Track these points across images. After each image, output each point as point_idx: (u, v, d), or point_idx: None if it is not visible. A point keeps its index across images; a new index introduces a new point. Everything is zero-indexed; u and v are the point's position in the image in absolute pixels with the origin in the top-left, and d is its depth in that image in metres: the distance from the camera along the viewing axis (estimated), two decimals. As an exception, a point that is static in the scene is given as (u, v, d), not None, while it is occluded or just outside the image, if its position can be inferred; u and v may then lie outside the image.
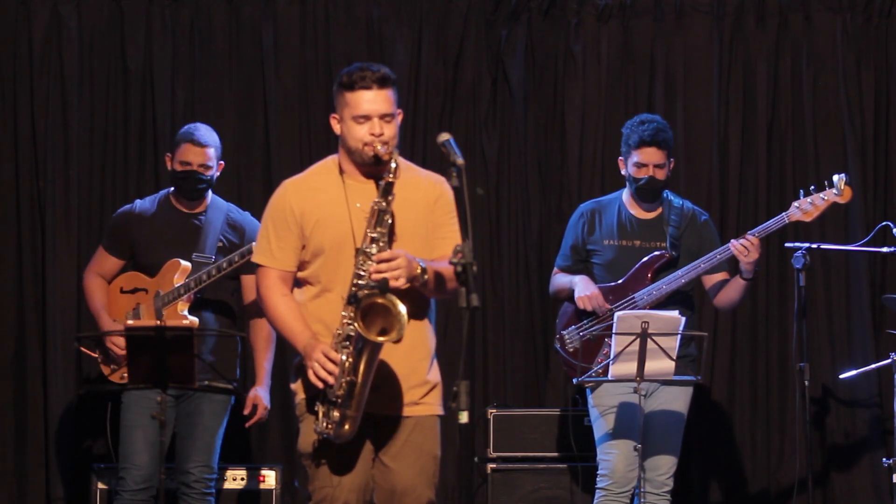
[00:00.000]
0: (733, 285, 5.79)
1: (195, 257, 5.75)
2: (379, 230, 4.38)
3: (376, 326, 4.28)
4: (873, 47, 7.27)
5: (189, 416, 5.74)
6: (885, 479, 6.59)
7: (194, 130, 5.86)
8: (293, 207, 4.53)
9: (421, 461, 4.53)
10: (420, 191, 4.56)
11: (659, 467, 5.70)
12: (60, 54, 7.08)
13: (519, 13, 7.26)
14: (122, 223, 5.89)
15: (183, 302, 5.69)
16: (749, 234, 5.69)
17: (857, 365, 6.67)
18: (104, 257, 5.88)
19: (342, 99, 4.50)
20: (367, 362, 4.32)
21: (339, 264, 4.46)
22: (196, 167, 5.77)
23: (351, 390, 4.33)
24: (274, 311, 4.54)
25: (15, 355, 7.01)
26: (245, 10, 7.19)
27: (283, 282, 4.55)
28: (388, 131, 4.47)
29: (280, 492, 6.40)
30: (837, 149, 7.21)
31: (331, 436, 4.39)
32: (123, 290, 5.82)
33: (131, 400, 5.68)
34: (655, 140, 5.75)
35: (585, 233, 5.91)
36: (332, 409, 4.36)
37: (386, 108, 4.48)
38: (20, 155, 7.07)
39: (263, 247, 4.58)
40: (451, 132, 4.35)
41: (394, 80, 4.53)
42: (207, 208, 5.85)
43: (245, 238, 5.82)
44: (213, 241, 5.79)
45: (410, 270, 4.33)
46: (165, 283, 5.73)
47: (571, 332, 5.86)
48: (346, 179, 4.54)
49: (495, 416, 6.66)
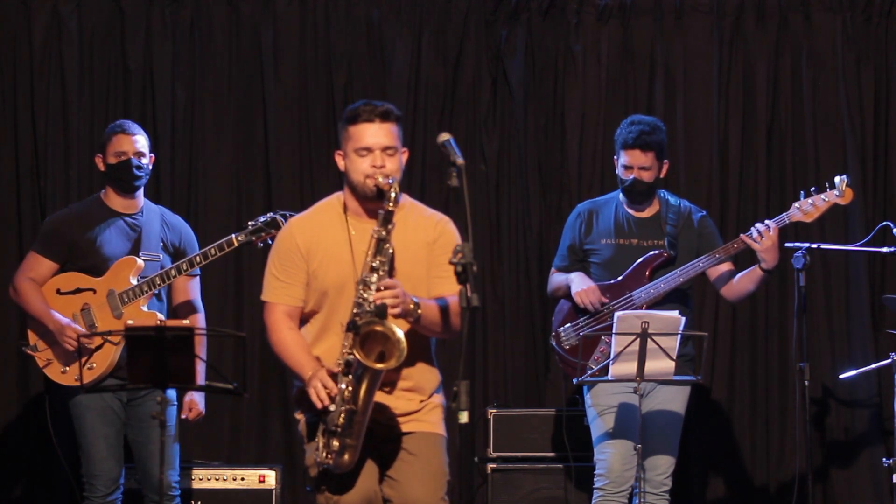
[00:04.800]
0: (750, 275, 5.76)
1: (143, 255, 5.77)
2: (379, 259, 4.41)
3: (375, 353, 4.32)
4: (873, 47, 7.28)
5: (143, 421, 5.73)
6: (885, 479, 6.59)
7: (122, 122, 5.92)
8: (299, 245, 4.59)
9: (430, 473, 4.56)
10: (420, 232, 4.59)
11: (657, 467, 5.70)
12: (60, 54, 7.08)
13: (519, 13, 7.26)
14: (59, 227, 5.86)
15: (143, 299, 5.71)
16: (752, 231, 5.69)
17: (856, 365, 6.67)
18: (38, 262, 5.82)
19: (346, 134, 4.55)
20: (367, 390, 4.35)
21: (342, 304, 4.51)
22: (132, 155, 5.78)
23: (351, 419, 4.36)
24: (281, 344, 4.59)
25: (17, 354, 7.01)
26: (245, 10, 7.19)
27: (290, 317, 4.61)
28: (391, 164, 4.49)
29: (280, 492, 6.41)
30: (837, 148, 7.21)
31: (330, 466, 4.43)
32: (62, 291, 5.78)
33: (83, 409, 5.69)
34: (639, 143, 5.75)
35: (583, 233, 5.92)
36: (332, 439, 4.39)
37: (388, 140, 4.50)
38: (20, 155, 7.07)
39: (271, 283, 4.64)
40: (451, 132, 4.35)
41: (398, 115, 4.56)
42: (142, 209, 5.87)
43: (183, 239, 5.88)
44: (155, 240, 5.81)
45: (405, 304, 4.37)
46: (120, 281, 5.72)
47: (567, 329, 5.86)
48: (350, 218, 4.58)
49: (495, 416, 6.66)
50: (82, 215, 5.85)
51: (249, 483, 6.41)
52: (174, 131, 7.12)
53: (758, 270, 5.74)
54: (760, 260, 5.69)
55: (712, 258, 5.75)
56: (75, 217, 5.87)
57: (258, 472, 6.42)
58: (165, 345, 5.10)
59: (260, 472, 6.42)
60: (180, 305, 5.90)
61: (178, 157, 7.12)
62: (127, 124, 5.89)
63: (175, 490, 5.76)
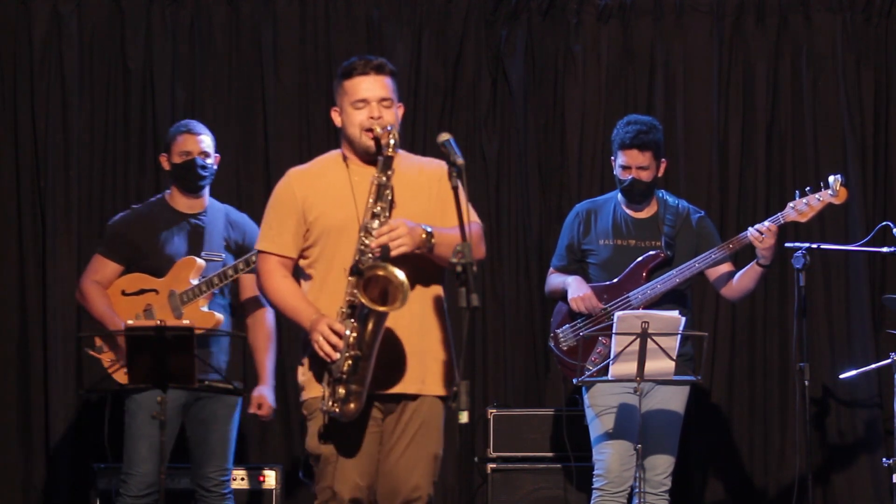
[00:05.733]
0: (749, 273, 5.77)
1: (205, 255, 5.77)
2: (380, 205, 4.38)
3: (379, 296, 4.28)
4: (873, 47, 7.28)
5: (203, 422, 5.76)
6: (885, 479, 6.59)
7: (187, 122, 5.92)
8: (296, 193, 4.56)
9: (424, 459, 4.53)
10: (424, 171, 4.57)
11: (656, 467, 5.70)
12: (60, 54, 7.08)
13: (519, 13, 7.27)
14: (123, 229, 5.87)
15: (203, 299, 5.70)
16: (749, 229, 5.69)
17: (857, 365, 6.67)
18: (103, 264, 5.85)
19: (341, 89, 4.53)
20: (372, 334, 4.31)
21: (344, 246, 4.45)
22: (197, 155, 5.79)
23: (356, 364, 4.32)
24: (276, 293, 4.54)
25: (17, 355, 7.02)
26: (245, 10, 7.20)
27: (283, 267, 4.56)
28: (387, 116, 4.48)
29: (280, 492, 6.41)
30: (837, 149, 7.21)
31: (336, 413, 4.37)
32: (126, 292, 5.80)
33: (137, 407, 5.67)
34: (636, 143, 5.75)
35: (581, 233, 5.92)
36: (338, 386, 4.35)
37: (383, 92, 4.49)
38: (20, 155, 7.08)
39: (265, 232, 4.61)
40: (451, 132, 4.36)
41: (392, 69, 4.55)
42: (207, 208, 5.86)
43: (247, 237, 5.84)
44: (218, 239, 5.81)
45: (414, 237, 4.32)
46: (180, 282, 5.73)
47: (566, 330, 5.86)
48: (350, 165, 4.55)
49: (495, 416, 6.66)
50: (145, 217, 5.85)
51: (249, 483, 6.41)
52: (174, 131, 7.12)
53: (756, 267, 5.74)
54: (759, 257, 5.70)
55: (708, 259, 5.76)
56: (137, 219, 5.86)
57: (258, 472, 6.42)
58: (165, 345, 5.11)
59: (260, 472, 6.42)
60: (246, 302, 5.87)
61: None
62: (192, 124, 5.88)
63: (227, 488, 5.77)
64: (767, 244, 5.64)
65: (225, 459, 5.79)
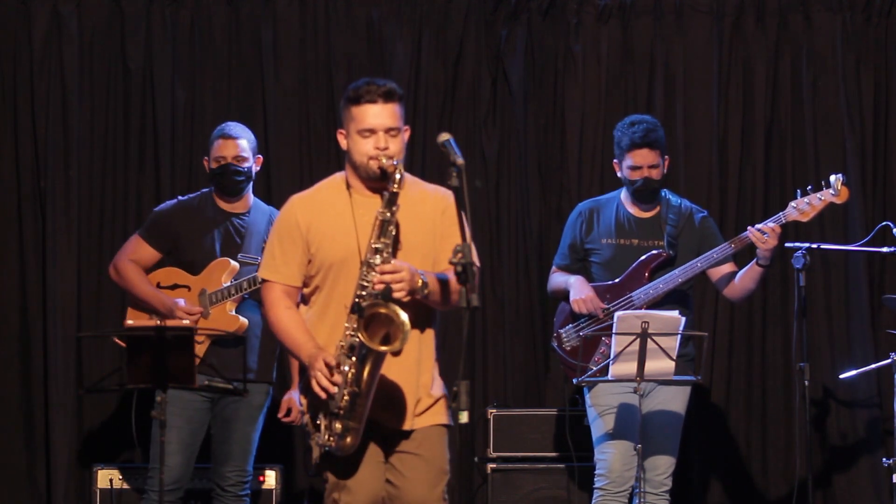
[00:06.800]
0: (750, 273, 5.77)
1: (241, 257, 5.76)
2: (383, 241, 4.38)
3: (379, 336, 4.29)
4: (873, 47, 7.28)
5: (226, 421, 5.77)
6: (885, 479, 6.59)
7: (224, 126, 5.90)
8: (299, 222, 4.54)
9: (431, 475, 4.55)
10: (427, 204, 4.56)
11: (657, 467, 5.70)
12: (60, 54, 7.08)
13: (519, 13, 7.27)
14: (168, 215, 5.86)
15: (231, 302, 5.70)
16: (750, 229, 5.69)
17: (856, 365, 6.67)
18: (141, 246, 5.83)
19: (348, 114, 4.51)
20: (370, 373, 4.32)
21: (345, 279, 4.46)
22: (231, 160, 5.77)
23: (354, 401, 4.33)
24: (278, 324, 4.55)
25: (18, 355, 7.02)
26: (245, 10, 7.20)
27: (288, 296, 4.56)
28: (394, 146, 4.46)
29: (280, 492, 6.41)
30: (837, 148, 7.21)
31: (333, 448, 4.40)
32: (161, 285, 5.79)
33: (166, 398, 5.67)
34: (646, 141, 5.74)
35: (583, 232, 5.92)
36: (335, 421, 4.36)
37: (391, 122, 4.48)
38: (20, 155, 7.08)
39: (268, 262, 4.60)
40: (451, 132, 4.35)
41: (400, 94, 4.53)
42: (251, 209, 5.86)
43: None
44: (257, 242, 5.77)
45: (413, 283, 4.34)
46: (212, 282, 5.73)
47: (569, 330, 5.86)
48: (353, 194, 4.54)
49: (495, 416, 6.66)
50: (191, 209, 5.85)
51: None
52: (174, 131, 7.12)
53: (755, 267, 5.74)
54: (759, 257, 5.70)
55: (710, 258, 5.76)
56: (183, 209, 5.86)
57: (258, 472, 6.41)
58: (165, 345, 5.11)
59: (260, 472, 6.42)
60: None
61: (178, 157, 7.11)
62: (228, 127, 5.87)
63: (244, 490, 5.78)
64: (770, 244, 5.64)
65: (244, 461, 5.79)
